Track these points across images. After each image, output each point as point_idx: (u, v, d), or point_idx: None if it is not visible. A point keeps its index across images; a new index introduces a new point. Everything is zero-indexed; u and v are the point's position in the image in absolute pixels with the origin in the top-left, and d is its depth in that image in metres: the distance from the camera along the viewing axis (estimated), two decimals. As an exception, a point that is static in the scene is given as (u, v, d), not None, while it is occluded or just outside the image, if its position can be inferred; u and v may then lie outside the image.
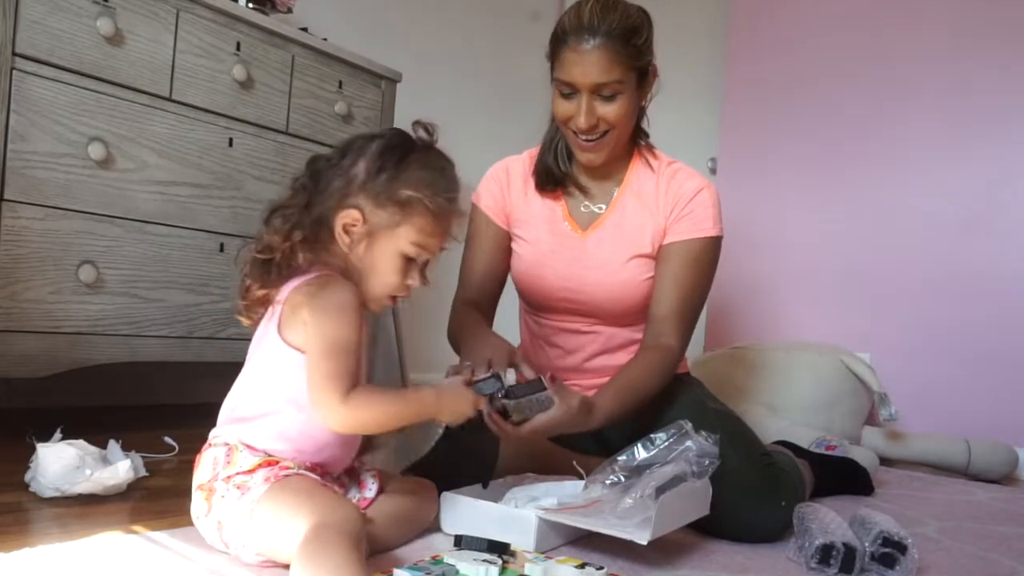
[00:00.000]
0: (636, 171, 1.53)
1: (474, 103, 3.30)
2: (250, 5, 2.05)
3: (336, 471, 1.11)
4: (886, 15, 2.79)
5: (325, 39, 2.21)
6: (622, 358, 1.50)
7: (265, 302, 1.07)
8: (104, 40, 1.70)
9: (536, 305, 1.58)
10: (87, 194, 1.70)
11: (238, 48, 1.97)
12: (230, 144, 1.96)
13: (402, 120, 2.42)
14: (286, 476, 0.98)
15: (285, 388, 1.03)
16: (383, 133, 1.11)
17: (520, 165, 1.60)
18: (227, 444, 1.04)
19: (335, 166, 1.08)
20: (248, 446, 1.03)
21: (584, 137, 1.42)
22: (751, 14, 3.14)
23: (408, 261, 1.08)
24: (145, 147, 1.79)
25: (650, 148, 1.56)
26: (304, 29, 2.17)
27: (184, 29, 1.85)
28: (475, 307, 1.54)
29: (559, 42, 1.39)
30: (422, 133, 1.12)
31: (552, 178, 1.53)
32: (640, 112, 1.52)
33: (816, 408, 2.36)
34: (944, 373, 2.57)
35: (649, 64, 1.43)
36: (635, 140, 1.55)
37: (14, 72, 1.56)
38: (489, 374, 1.15)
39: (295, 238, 1.04)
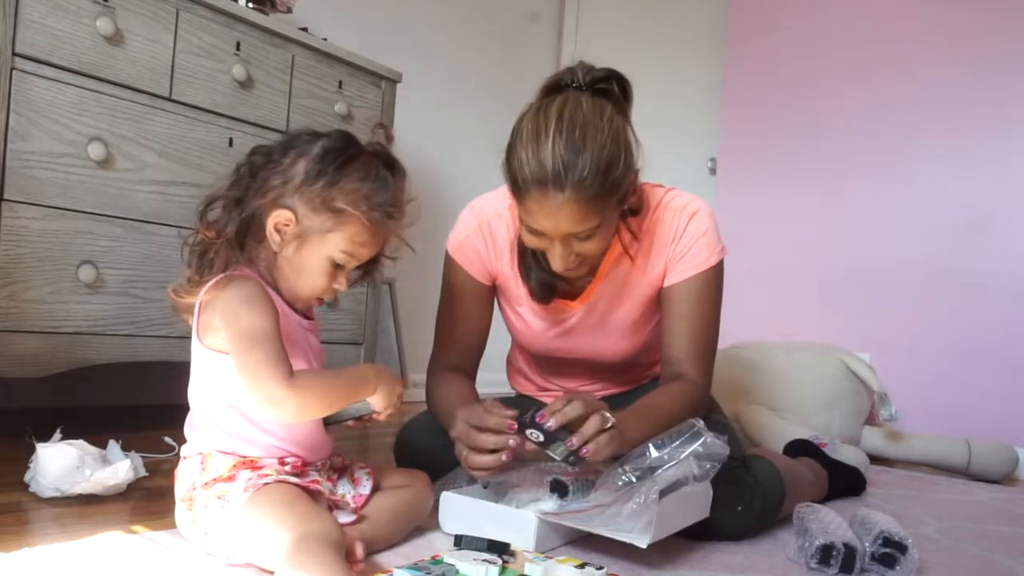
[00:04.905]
0: (621, 234, 1.36)
1: (474, 103, 3.30)
2: (250, 5, 2.05)
3: (316, 460, 1.10)
4: (886, 16, 2.79)
5: (325, 39, 2.21)
6: (624, 379, 1.53)
7: (186, 303, 1.06)
8: (104, 40, 1.70)
9: (533, 356, 1.55)
10: (87, 194, 1.69)
11: (238, 48, 1.97)
12: (230, 144, 1.96)
13: (402, 120, 2.44)
14: (265, 484, 0.97)
15: (219, 393, 1.02)
16: (328, 133, 1.08)
17: (503, 228, 1.39)
18: (200, 453, 1.04)
19: (275, 163, 1.06)
20: (220, 451, 1.03)
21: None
22: (750, 15, 3.14)
23: (336, 266, 1.07)
24: (145, 147, 1.79)
25: (632, 201, 1.32)
26: (304, 29, 2.17)
27: (184, 29, 1.85)
28: (459, 372, 1.43)
29: (520, 187, 1.15)
30: (380, 137, 1.09)
31: (552, 291, 1.37)
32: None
33: (816, 408, 2.36)
34: (944, 373, 2.57)
35: (630, 186, 1.21)
36: None
37: (14, 72, 1.56)
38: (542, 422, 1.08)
39: (227, 233, 1.03)
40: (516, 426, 1.10)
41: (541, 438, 1.09)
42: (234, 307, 1.00)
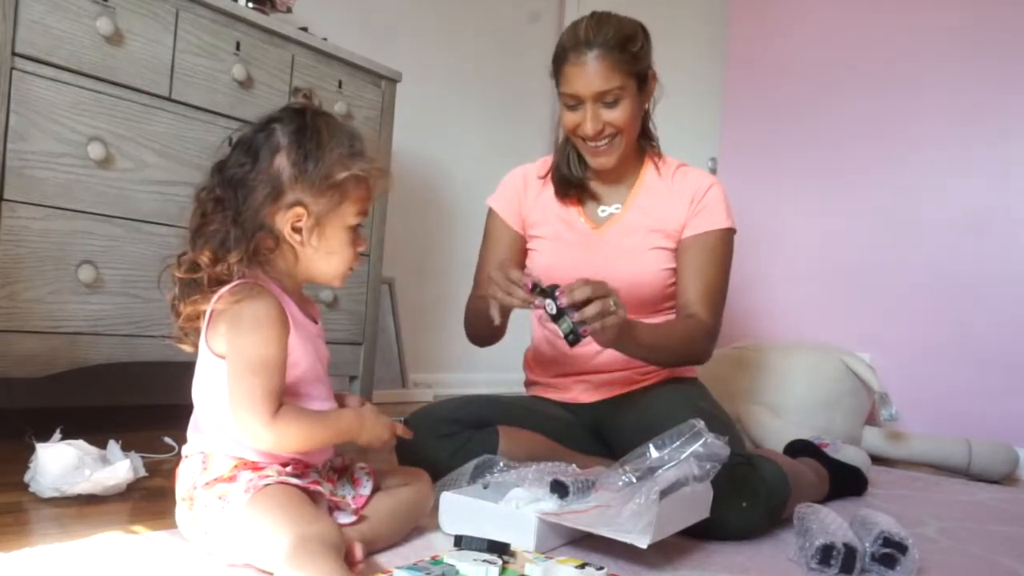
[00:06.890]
0: (647, 173, 1.61)
1: (474, 103, 3.30)
2: (250, 5, 2.05)
3: (318, 463, 1.10)
4: (886, 16, 2.79)
5: (325, 39, 2.21)
6: None
7: (197, 318, 1.05)
8: (104, 40, 1.69)
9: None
10: (86, 194, 1.69)
11: (238, 48, 1.97)
12: (230, 144, 1.95)
13: (402, 120, 2.44)
14: (266, 485, 0.97)
15: (225, 398, 1.01)
16: (278, 117, 1.08)
17: (535, 171, 1.66)
18: (202, 452, 1.04)
19: (251, 171, 1.04)
20: (223, 452, 1.03)
21: (593, 143, 1.49)
22: (750, 15, 3.14)
23: (354, 230, 1.09)
24: (145, 147, 1.79)
25: (659, 153, 1.63)
26: (304, 29, 2.17)
27: (184, 29, 1.85)
28: None
29: (560, 59, 1.47)
30: (299, 98, 1.11)
31: (569, 184, 1.59)
32: (645, 116, 1.58)
33: (816, 408, 2.36)
34: (944, 373, 2.57)
35: (647, 69, 1.50)
36: (644, 145, 1.61)
37: (14, 72, 1.56)
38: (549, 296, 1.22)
39: (231, 260, 1.01)
40: (531, 285, 1.25)
41: (554, 310, 1.22)
42: (244, 326, 1.00)
